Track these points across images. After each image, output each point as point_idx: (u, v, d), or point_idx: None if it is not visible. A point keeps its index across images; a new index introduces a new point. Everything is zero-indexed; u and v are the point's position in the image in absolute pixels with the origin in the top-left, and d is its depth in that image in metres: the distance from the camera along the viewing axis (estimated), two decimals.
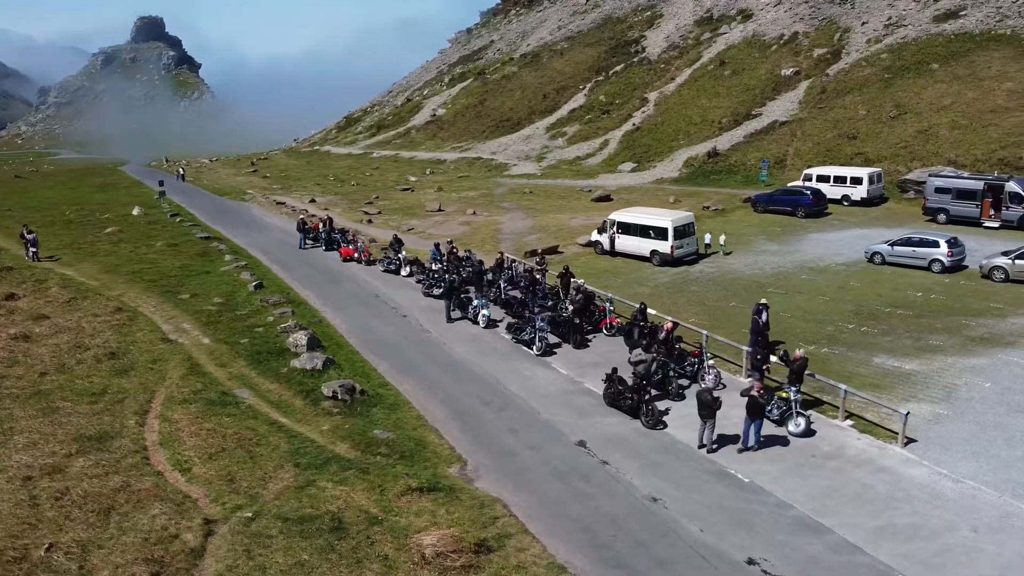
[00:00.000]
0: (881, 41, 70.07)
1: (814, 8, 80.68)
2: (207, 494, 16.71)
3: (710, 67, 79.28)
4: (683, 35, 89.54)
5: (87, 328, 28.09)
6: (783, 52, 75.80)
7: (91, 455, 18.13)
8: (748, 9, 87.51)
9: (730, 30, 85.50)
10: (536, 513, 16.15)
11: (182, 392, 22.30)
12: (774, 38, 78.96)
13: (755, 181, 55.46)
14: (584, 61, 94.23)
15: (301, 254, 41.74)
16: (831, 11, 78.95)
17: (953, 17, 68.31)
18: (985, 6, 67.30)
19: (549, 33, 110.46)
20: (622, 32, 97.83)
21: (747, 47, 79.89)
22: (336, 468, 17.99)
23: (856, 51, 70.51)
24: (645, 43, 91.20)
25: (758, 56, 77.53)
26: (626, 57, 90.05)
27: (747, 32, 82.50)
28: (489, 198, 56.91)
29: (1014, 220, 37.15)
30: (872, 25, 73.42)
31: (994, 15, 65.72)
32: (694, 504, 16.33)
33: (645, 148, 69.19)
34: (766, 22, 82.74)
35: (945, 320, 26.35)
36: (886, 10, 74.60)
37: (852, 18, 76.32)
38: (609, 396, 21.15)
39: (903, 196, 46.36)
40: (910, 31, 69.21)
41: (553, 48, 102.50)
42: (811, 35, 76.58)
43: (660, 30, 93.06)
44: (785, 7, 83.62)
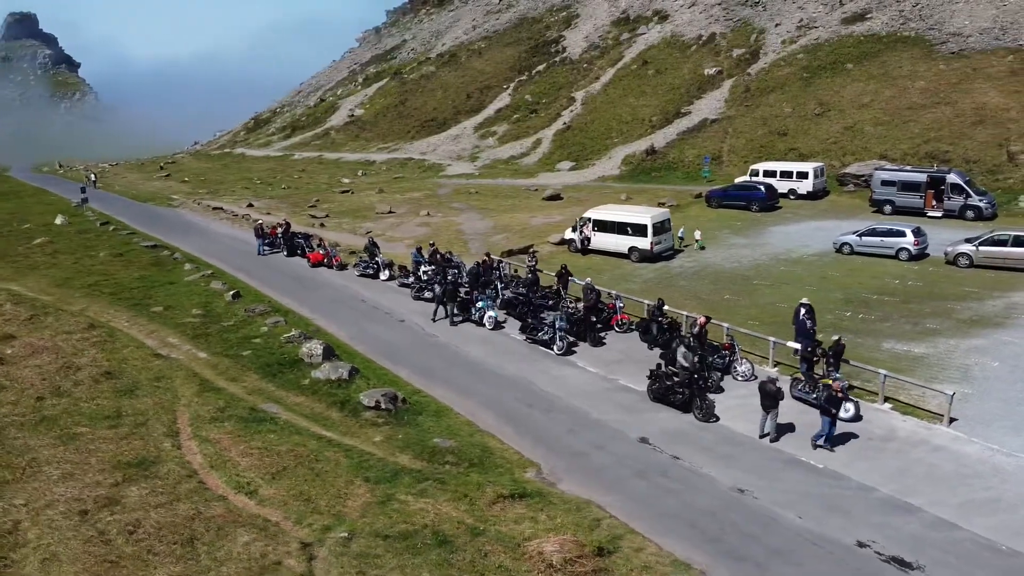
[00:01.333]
0: (796, 42, 73.43)
1: (727, 10, 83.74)
2: (286, 516, 15.82)
3: (633, 67, 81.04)
4: (602, 35, 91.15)
5: (66, 347, 26.02)
6: (703, 52, 78.33)
7: (141, 483, 16.83)
8: (664, 10, 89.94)
9: (648, 30, 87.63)
10: (634, 512, 16.11)
11: (206, 410, 21.01)
12: (693, 38, 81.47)
13: (696, 177, 57.14)
14: (505, 61, 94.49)
15: (262, 261, 40.06)
16: (744, 13, 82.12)
17: (860, 20, 72.31)
18: (888, 9, 71.58)
19: (464, 33, 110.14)
20: (539, 32, 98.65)
21: (667, 47, 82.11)
22: (409, 480, 17.39)
23: (773, 51, 73.64)
24: (565, 43, 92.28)
25: (679, 56, 79.83)
26: (547, 57, 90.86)
27: (665, 33, 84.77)
28: (436, 199, 56.26)
29: (955, 210, 39.76)
30: (785, 27, 76.82)
31: (897, 18, 69.98)
32: (781, 493, 16.69)
33: (579, 147, 70.07)
34: (683, 23, 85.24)
35: (932, 305, 27.92)
36: (796, 12, 78.24)
37: (765, 20, 79.63)
38: (656, 392, 21.33)
39: (843, 189, 48.80)
40: (822, 32, 72.82)
41: (471, 48, 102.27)
42: (728, 36, 79.44)
43: (578, 30, 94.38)
44: (699, 8, 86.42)
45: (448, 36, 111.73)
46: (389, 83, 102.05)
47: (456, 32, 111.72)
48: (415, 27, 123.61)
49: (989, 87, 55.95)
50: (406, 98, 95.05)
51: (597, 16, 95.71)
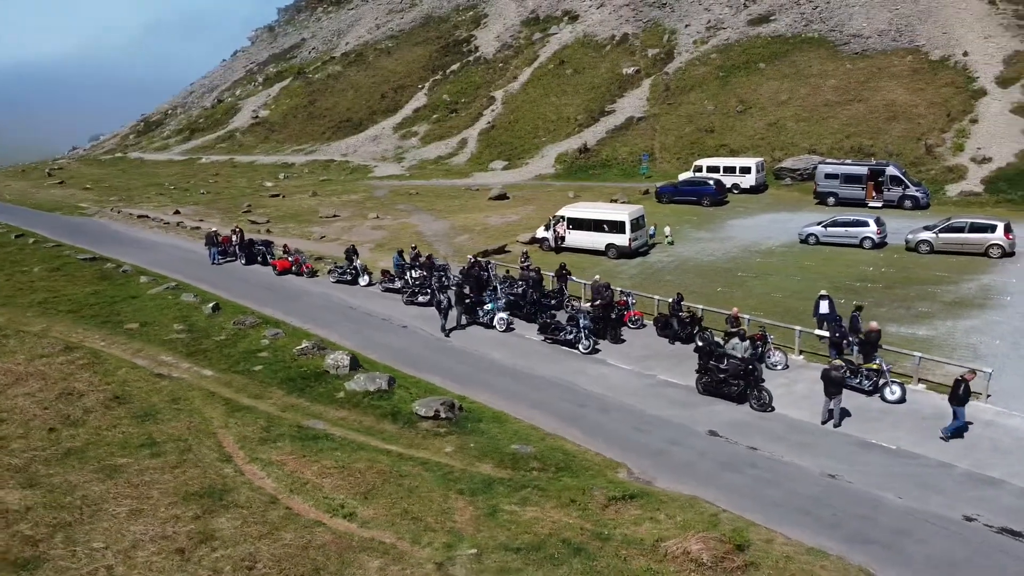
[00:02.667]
0: (707, 42, 76.17)
1: (637, 11, 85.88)
2: (399, 536, 15.03)
3: (550, 66, 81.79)
4: (513, 35, 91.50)
5: (52, 372, 23.76)
6: (618, 52, 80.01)
7: (225, 514, 15.58)
8: (573, 10, 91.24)
9: (560, 30, 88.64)
10: (743, 504, 16.25)
11: (249, 431, 19.69)
12: (606, 38, 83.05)
13: (633, 174, 58.36)
14: (416, 60, 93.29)
15: (221, 270, 37.87)
16: (653, 14, 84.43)
17: (765, 21, 75.80)
18: (791, 11, 75.38)
19: (368, 32, 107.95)
20: (448, 32, 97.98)
21: (581, 47, 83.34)
22: (504, 490, 16.90)
23: (687, 51, 76.09)
24: (477, 43, 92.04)
25: (594, 55, 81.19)
26: (460, 56, 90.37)
27: (578, 32, 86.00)
28: (376, 201, 54.88)
29: (894, 200, 42.39)
30: (695, 27, 79.52)
31: (800, 20, 73.81)
32: (870, 475, 17.27)
33: (508, 146, 70.12)
34: (594, 23, 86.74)
35: (914, 289, 29.64)
36: (704, 14, 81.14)
37: (675, 20, 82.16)
38: (707, 385, 21.61)
39: (781, 183, 51.06)
40: (731, 34, 75.86)
41: (377, 47, 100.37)
42: (641, 36, 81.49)
43: (489, 30, 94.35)
44: (608, 9, 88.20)
45: (351, 35, 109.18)
46: (293, 83, 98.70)
47: (359, 31, 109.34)
48: (313, 25, 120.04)
49: (895, 85, 59.97)
50: (315, 98, 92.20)
51: (506, 16, 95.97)
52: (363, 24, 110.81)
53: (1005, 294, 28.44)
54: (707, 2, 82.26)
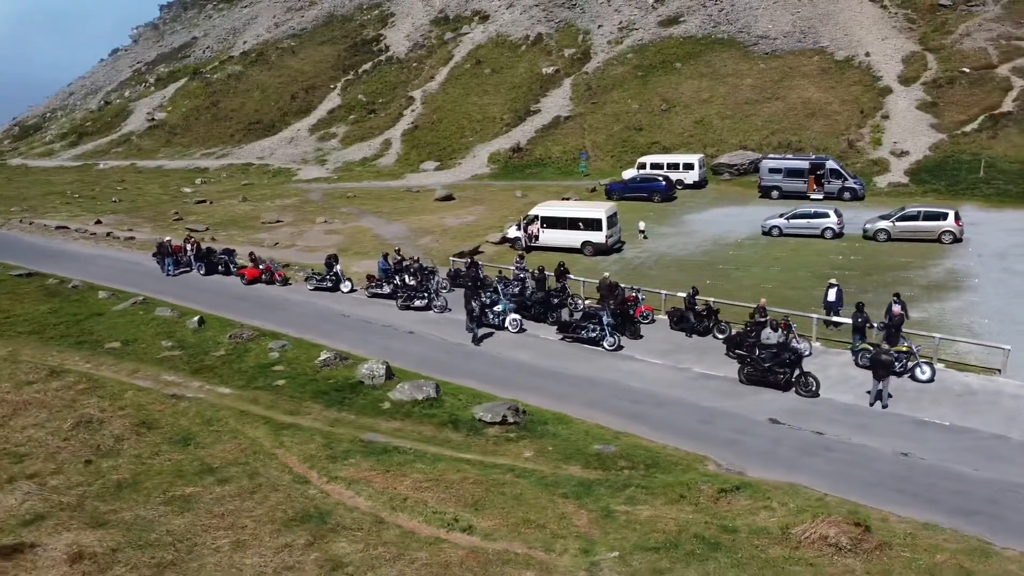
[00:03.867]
0: (622, 43, 78.04)
1: (547, 11, 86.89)
2: (530, 546, 14.64)
3: (467, 66, 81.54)
4: (423, 34, 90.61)
5: (52, 400, 21.70)
6: (535, 52, 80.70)
7: (338, 538, 14.72)
8: (483, 10, 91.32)
9: (471, 30, 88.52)
10: (838, 487, 16.75)
11: (309, 449, 18.67)
12: (520, 38, 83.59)
13: (571, 173, 59.04)
14: (324, 60, 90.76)
15: (181, 282, 35.57)
16: (564, 14, 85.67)
17: (675, 23, 78.44)
18: (699, 13, 78.34)
19: (266, 30, 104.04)
20: (355, 31, 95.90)
21: (496, 47, 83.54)
22: (605, 491, 16.76)
23: (603, 52, 77.68)
24: (387, 42, 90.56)
25: (511, 55, 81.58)
26: (371, 56, 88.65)
27: (491, 32, 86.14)
28: (315, 204, 53.04)
29: (834, 192, 44.85)
30: (607, 28, 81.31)
31: (708, 21, 76.82)
32: (938, 452, 18.21)
33: (435, 146, 69.38)
34: (506, 23, 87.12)
35: (889, 275, 31.46)
36: (614, 15, 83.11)
37: (587, 21, 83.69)
38: (750, 375, 22.16)
39: (720, 178, 52.95)
40: (644, 34, 78.06)
41: (279, 46, 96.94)
42: (556, 36, 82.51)
43: (398, 29, 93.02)
44: (519, 9, 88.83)
45: (248, 34, 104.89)
46: (190, 83, 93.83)
47: (257, 29, 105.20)
48: (204, 23, 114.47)
49: (808, 84, 63.45)
50: (217, 100, 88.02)
51: (414, 15, 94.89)
52: (260, 22, 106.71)
53: (971, 276, 30.64)
54: (616, 3, 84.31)
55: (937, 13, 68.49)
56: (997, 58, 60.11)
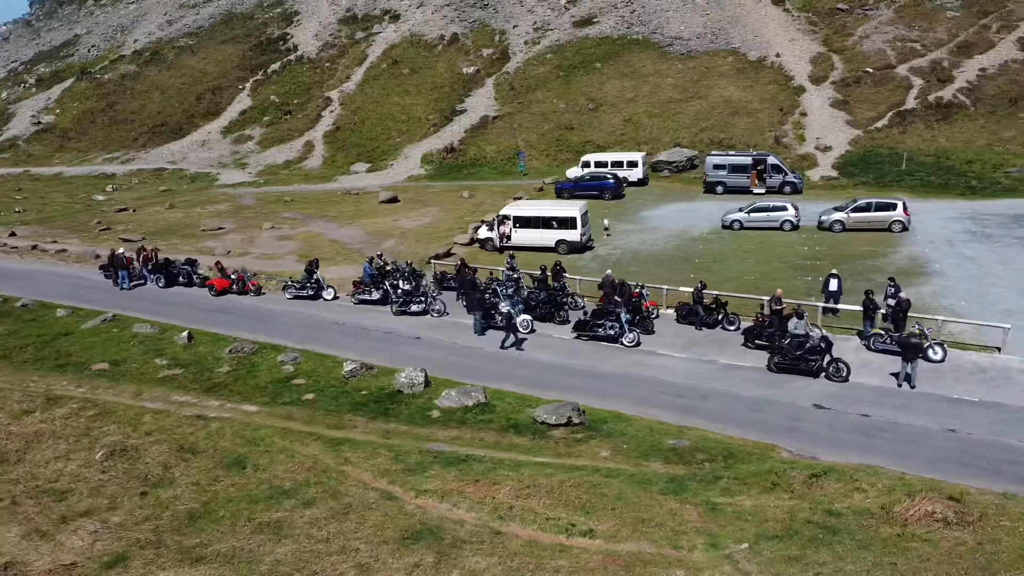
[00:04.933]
0: (539, 43, 78.73)
1: (459, 11, 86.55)
2: (657, 545, 14.64)
3: (383, 66, 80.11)
4: (333, 34, 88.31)
5: (63, 430, 19.88)
6: (452, 52, 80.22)
7: (465, 554, 14.22)
8: (393, 9, 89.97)
9: (383, 29, 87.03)
10: (909, 466, 17.56)
11: (380, 463, 17.93)
12: (435, 38, 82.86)
13: (509, 172, 59.02)
14: (227, 59, 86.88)
15: (140, 295, 33.26)
16: (477, 14, 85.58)
17: (589, 24, 79.87)
18: (611, 14, 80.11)
19: (159, 28, 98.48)
20: (258, 29, 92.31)
21: (412, 46, 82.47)
22: (698, 485, 16.96)
23: (521, 52, 78.11)
24: (295, 41, 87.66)
25: (427, 55, 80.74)
26: (279, 55, 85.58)
27: (404, 32, 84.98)
28: (251, 210, 50.71)
29: (776, 186, 46.91)
30: (523, 28, 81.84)
31: (622, 23, 78.69)
32: (979, 425, 19.45)
33: (361, 148, 67.78)
34: (419, 22, 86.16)
35: (857, 264, 33.21)
36: (528, 15, 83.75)
37: (500, 21, 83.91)
38: (780, 364, 22.90)
39: (659, 175, 54.30)
40: (561, 35, 79.06)
41: (176, 45, 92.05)
42: (471, 36, 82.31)
43: (304, 28, 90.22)
44: (430, 9, 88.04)
45: (139, 31, 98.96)
46: (78, 84, 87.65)
47: (148, 27, 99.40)
48: (86, 20, 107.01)
49: (727, 83, 66.05)
50: (113, 102, 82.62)
51: (320, 13, 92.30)
52: (151, 20, 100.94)
53: (932, 262, 32.78)
54: (529, 3, 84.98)
55: (835, 16, 72.78)
56: (895, 59, 64.47)
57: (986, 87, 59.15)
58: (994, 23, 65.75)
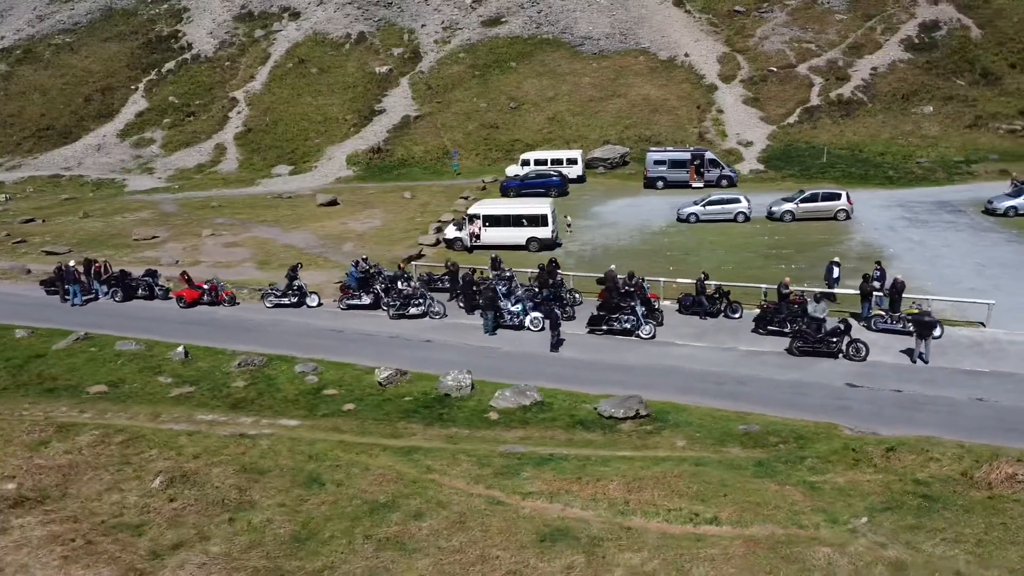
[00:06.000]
0: (450, 42, 78.26)
1: (363, 9, 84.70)
2: (784, 526, 15.02)
3: (289, 65, 77.39)
4: (229, 31, 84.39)
5: (95, 460, 18.19)
6: (361, 51, 78.50)
7: (608, 551, 14.12)
8: (292, 7, 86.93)
9: (283, 27, 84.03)
10: (962, 434, 18.67)
11: (465, 470, 17.47)
12: (341, 37, 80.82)
13: (440, 172, 58.47)
14: (114, 58, 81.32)
15: (99, 310, 30.77)
16: (382, 13, 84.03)
17: (498, 23, 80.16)
18: (519, 14, 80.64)
19: (28, 24, 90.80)
20: (144, 26, 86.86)
21: (317, 45, 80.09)
22: (784, 466, 17.51)
23: (433, 51, 77.42)
24: (188, 39, 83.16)
25: (335, 54, 78.66)
26: (172, 54, 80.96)
27: (307, 30, 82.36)
28: (179, 217, 47.80)
29: (713, 180, 48.81)
30: (431, 27, 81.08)
31: (531, 23, 79.42)
32: (1000, 393, 21.02)
33: (278, 149, 65.23)
34: (321, 20, 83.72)
35: (819, 251, 35.03)
36: (434, 14, 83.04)
37: (407, 20, 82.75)
38: (802, 348, 23.91)
39: (594, 172, 55.22)
40: (471, 34, 78.89)
41: (53, 43, 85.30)
42: (379, 35, 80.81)
43: (196, 25, 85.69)
44: (332, 6, 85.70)
45: (5, 28, 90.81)
46: None
47: (15, 23, 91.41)
48: None
49: (642, 82, 68.05)
50: None
51: (212, 10, 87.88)
52: (18, 15, 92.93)
53: (885, 247, 35.09)
54: (435, 2, 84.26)
55: (734, 18, 76.29)
56: (795, 59, 68.40)
57: (880, 84, 63.76)
58: (878, 25, 70.83)
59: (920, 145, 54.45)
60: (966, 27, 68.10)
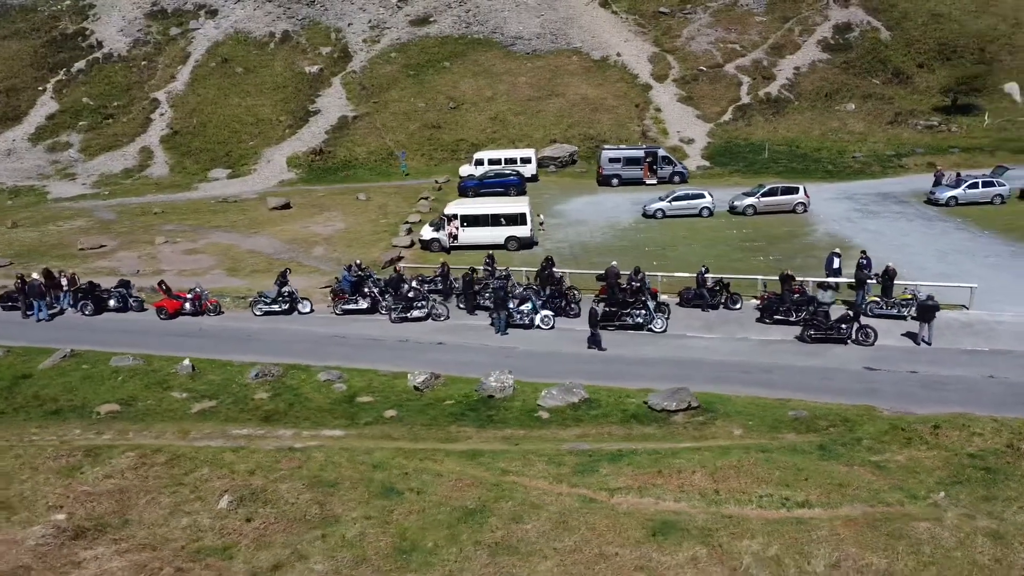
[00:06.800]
0: (379, 42, 77.10)
1: (284, 8, 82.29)
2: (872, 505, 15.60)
3: (211, 65, 74.39)
4: (142, 29, 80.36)
5: (149, 484, 17.14)
6: (287, 50, 76.30)
7: (723, 539, 14.33)
8: (208, 4, 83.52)
9: (201, 25, 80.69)
10: (981, 409, 19.79)
11: (542, 470, 17.33)
12: (264, 36, 78.34)
13: (387, 173, 57.52)
14: (15, 57, 76.10)
15: (68, 326, 28.78)
16: (305, 11, 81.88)
17: (426, 23, 79.49)
18: (447, 14, 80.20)
19: None
20: (46, 23, 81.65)
21: (240, 44, 77.32)
22: (844, 449, 18.11)
23: (363, 50, 76.03)
24: (97, 37, 78.69)
25: (260, 53, 76.16)
26: (81, 53, 76.42)
27: (227, 29, 79.37)
28: (122, 225, 45.14)
29: (666, 177, 49.91)
30: (358, 27, 79.58)
31: (460, 22, 79.11)
32: (1009, 370, 22.34)
33: (210, 152, 62.59)
34: (241, 19, 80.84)
35: (790, 243, 36.47)
36: (360, 13, 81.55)
37: (332, 19, 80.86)
38: (812, 336, 24.83)
39: (545, 171, 55.47)
40: (400, 33, 77.89)
41: None
42: (304, 34, 78.72)
43: (105, 23, 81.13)
44: (252, 5, 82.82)
45: None
46: None
47: None
48: None
49: (579, 81, 68.89)
50: None
51: (121, 7, 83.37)
52: None
53: (849, 237, 36.74)
54: (360, 1, 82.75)
55: (660, 19, 78.22)
56: (722, 58, 70.75)
57: (803, 84, 66.78)
58: (795, 27, 74.05)
59: (849, 141, 57.35)
60: (876, 29, 72.09)
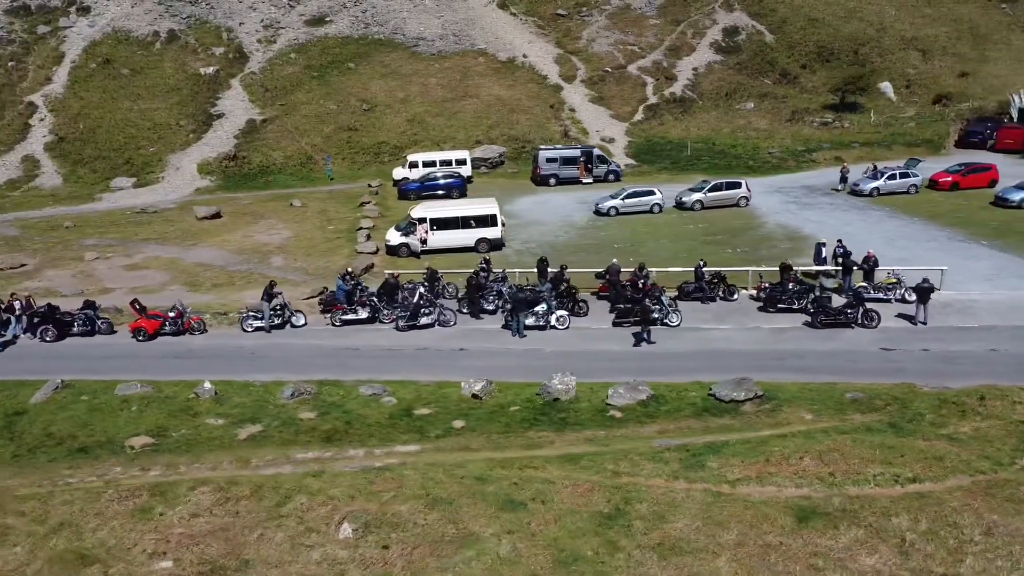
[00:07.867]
0: (275, 42, 74.09)
1: (166, 6, 77.48)
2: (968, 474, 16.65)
3: (92, 66, 68.89)
4: (3, 27, 73.24)
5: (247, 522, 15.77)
6: (176, 50, 71.85)
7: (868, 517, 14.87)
8: (79, 1, 77.28)
9: (73, 23, 74.50)
10: (1002, 379, 21.55)
11: (650, 469, 17.34)
12: (148, 35, 73.39)
13: (311, 178, 55.39)
14: None
15: (32, 354, 25.84)
16: (190, 10, 77.42)
17: (323, 23, 77.15)
18: (344, 14, 78.27)
19: None
20: None
21: (121, 44, 72.02)
22: (913, 426, 19.23)
23: (259, 51, 72.81)
24: None
25: (144, 54, 71.25)
26: None
27: (104, 27, 73.74)
28: (30, 241, 40.64)
29: (602, 176, 50.84)
30: (251, 26, 76.11)
31: (358, 23, 77.39)
32: (1007, 343, 24.33)
33: (106, 160, 57.82)
34: (119, 17, 75.29)
35: (748, 236, 38.07)
36: (251, 12, 78.05)
37: (221, 18, 76.80)
38: (823, 322, 26.10)
39: (477, 172, 55.02)
40: (296, 34, 75.15)
41: None
42: (192, 33, 74.38)
43: None
44: (129, 2, 77.43)
45: None
46: None
47: None
48: None
49: (490, 83, 68.97)
50: None
51: None
52: None
53: (799, 228, 38.77)
54: (250, 0, 79.11)
55: (558, 21, 79.56)
56: (624, 60, 72.93)
57: (703, 84, 69.97)
58: (687, 29, 77.40)
59: (758, 138, 60.55)
60: (760, 32, 76.48)
